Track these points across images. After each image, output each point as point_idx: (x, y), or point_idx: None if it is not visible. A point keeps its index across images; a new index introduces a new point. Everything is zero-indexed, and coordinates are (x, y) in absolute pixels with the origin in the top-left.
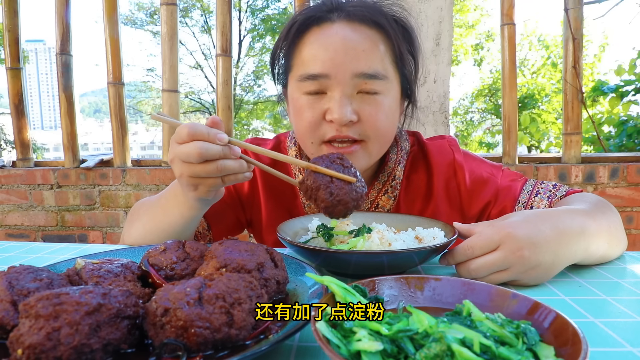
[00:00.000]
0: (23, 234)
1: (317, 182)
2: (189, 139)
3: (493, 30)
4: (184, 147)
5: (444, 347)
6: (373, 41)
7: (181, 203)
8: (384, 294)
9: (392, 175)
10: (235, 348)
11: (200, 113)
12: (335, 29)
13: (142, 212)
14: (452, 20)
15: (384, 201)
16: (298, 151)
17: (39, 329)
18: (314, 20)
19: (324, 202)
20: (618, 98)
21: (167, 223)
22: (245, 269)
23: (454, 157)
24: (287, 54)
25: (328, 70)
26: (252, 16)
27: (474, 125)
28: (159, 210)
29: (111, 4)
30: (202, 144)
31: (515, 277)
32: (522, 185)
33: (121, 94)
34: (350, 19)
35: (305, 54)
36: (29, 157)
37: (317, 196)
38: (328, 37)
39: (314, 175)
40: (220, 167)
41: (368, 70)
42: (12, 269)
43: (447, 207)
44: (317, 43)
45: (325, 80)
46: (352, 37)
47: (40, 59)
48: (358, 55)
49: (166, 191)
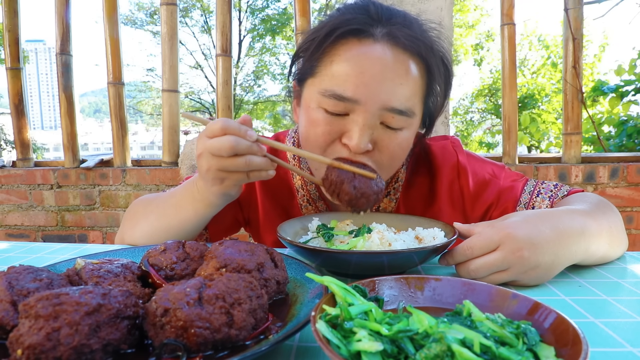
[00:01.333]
0: (23, 234)
1: (341, 177)
2: (221, 132)
3: (493, 30)
4: (215, 141)
5: (444, 348)
6: (412, 75)
7: (197, 200)
8: (384, 294)
9: (395, 177)
10: (235, 348)
11: (200, 113)
12: (377, 50)
13: (148, 210)
14: (452, 20)
15: (386, 203)
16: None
17: (38, 329)
18: (355, 31)
19: (348, 194)
20: (618, 98)
21: (178, 221)
22: (245, 269)
23: (458, 159)
24: (315, 57)
25: (358, 97)
26: (252, 16)
27: (474, 125)
28: (169, 209)
29: (111, 4)
30: (234, 138)
31: (515, 277)
32: (523, 185)
33: (121, 94)
34: (395, 43)
35: (337, 69)
36: (29, 157)
37: (342, 189)
38: (367, 58)
39: (337, 171)
40: (248, 162)
41: (399, 106)
42: (12, 269)
43: (449, 210)
44: (354, 62)
45: (352, 104)
46: (392, 65)
47: (40, 59)
48: (394, 89)
49: (178, 190)
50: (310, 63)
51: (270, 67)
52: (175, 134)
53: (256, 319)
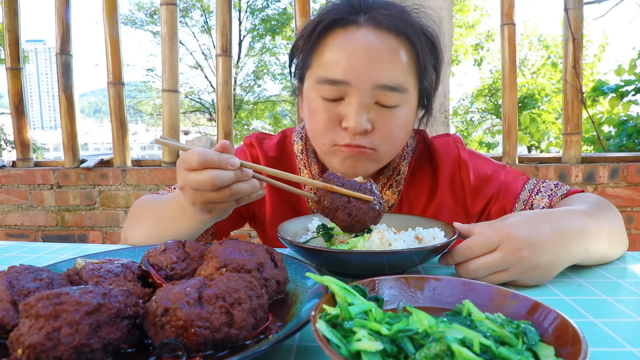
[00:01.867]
0: (23, 234)
1: (334, 204)
2: (200, 167)
3: (493, 30)
4: (195, 176)
5: (444, 347)
6: (398, 52)
7: (190, 217)
8: (384, 293)
9: (397, 170)
10: (235, 348)
11: (200, 113)
12: (361, 34)
13: (144, 216)
14: (452, 20)
15: (388, 195)
16: (304, 146)
17: (39, 329)
18: (339, 21)
19: (343, 222)
20: (618, 98)
21: (174, 232)
22: (245, 268)
23: (459, 153)
24: (307, 51)
25: (349, 78)
26: (252, 16)
27: (474, 125)
28: (164, 221)
29: (111, 4)
30: (215, 173)
31: (514, 277)
32: (523, 183)
33: (121, 94)
34: (377, 26)
35: (327, 57)
36: (29, 157)
37: (335, 216)
38: (353, 42)
39: (330, 196)
40: (234, 192)
41: (389, 82)
42: (12, 268)
43: (451, 202)
44: (340, 47)
45: (345, 86)
46: (377, 46)
47: (40, 59)
48: (381, 66)
49: (172, 201)
50: (305, 57)
51: (270, 67)
52: (175, 134)
53: (256, 318)
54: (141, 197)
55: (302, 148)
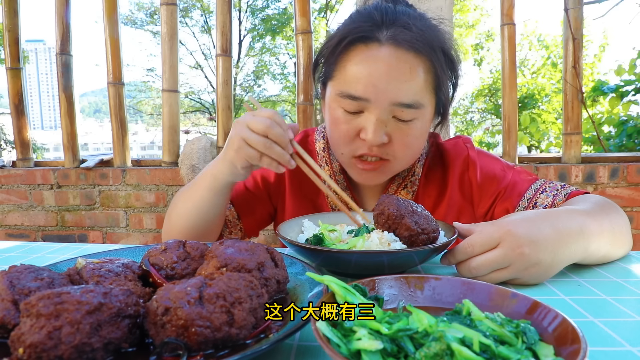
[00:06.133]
0: (23, 234)
1: (400, 211)
2: (268, 116)
3: (493, 30)
4: (257, 118)
5: (444, 346)
6: (416, 72)
7: (210, 175)
8: (383, 293)
9: (412, 171)
10: (236, 347)
11: (200, 113)
12: (382, 53)
13: (178, 201)
14: (452, 20)
15: (403, 195)
16: (326, 144)
17: (40, 328)
18: (362, 38)
19: (409, 229)
20: (618, 98)
21: (196, 199)
22: (246, 268)
23: (468, 153)
24: (331, 63)
25: (368, 95)
26: (252, 16)
27: (474, 125)
28: (189, 192)
29: (111, 4)
30: (272, 122)
31: (515, 274)
32: (530, 183)
33: (121, 94)
34: (397, 45)
35: (349, 72)
36: (29, 157)
37: (401, 224)
38: (374, 61)
39: (395, 204)
40: (268, 145)
41: (406, 100)
42: (13, 268)
43: (460, 199)
44: (362, 65)
45: (364, 102)
46: (396, 65)
47: (40, 59)
48: (399, 86)
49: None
50: (328, 68)
51: (270, 67)
52: (175, 134)
53: (256, 317)
54: (178, 192)
55: (323, 146)
